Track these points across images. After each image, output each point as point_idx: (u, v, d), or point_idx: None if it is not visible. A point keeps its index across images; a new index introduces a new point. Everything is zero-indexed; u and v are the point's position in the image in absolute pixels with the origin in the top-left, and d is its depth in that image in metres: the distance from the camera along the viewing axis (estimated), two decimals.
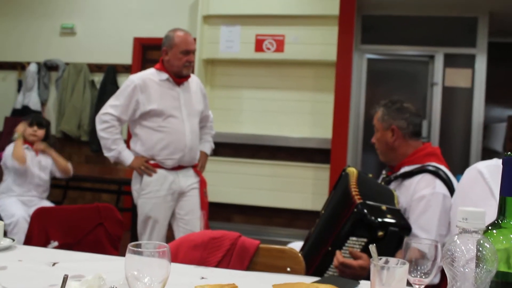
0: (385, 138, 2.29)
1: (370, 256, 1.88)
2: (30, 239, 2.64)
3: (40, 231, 2.66)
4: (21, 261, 1.47)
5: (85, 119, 6.03)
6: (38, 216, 2.68)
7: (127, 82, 3.11)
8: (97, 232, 2.75)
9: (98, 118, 3.12)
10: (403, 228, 1.98)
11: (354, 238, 2.00)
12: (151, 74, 3.14)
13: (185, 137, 3.10)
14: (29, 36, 6.27)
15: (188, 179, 3.17)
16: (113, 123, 3.09)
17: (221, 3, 5.28)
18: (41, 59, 6.17)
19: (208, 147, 3.44)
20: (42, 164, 3.99)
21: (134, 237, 4.18)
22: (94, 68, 6.10)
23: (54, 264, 1.45)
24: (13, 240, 1.61)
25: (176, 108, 3.10)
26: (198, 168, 3.27)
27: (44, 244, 2.65)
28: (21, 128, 3.94)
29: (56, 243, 2.70)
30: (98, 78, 6.10)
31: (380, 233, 1.93)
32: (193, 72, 3.27)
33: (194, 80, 3.27)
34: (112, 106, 3.11)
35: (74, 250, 1.74)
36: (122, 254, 1.32)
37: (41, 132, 4.00)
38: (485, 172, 1.60)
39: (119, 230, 2.85)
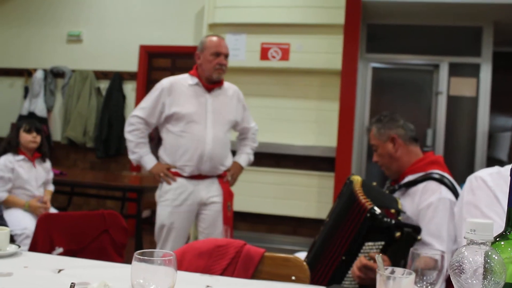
0: (387, 150, 2.30)
1: (389, 258, 1.91)
2: (35, 245, 2.64)
3: (45, 238, 2.66)
4: (26, 267, 1.47)
5: (91, 126, 6.06)
6: (43, 222, 2.68)
7: (157, 85, 3.10)
8: (102, 239, 2.75)
9: (127, 120, 3.13)
10: (415, 229, 2.01)
11: (370, 243, 2.00)
12: (182, 78, 3.12)
13: (205, 145, 3.00)
14: (36, 43, 6.31)
15: (209, 190, 3.07)
16: (139, 126, 3.07)
17: (227, 12, 5.30)
18: (48, 66, 6.21)
19: (244, 159, 3.30)
20: (39, 176, 3.82)
21: (139, 244, 4.18)
22: (100, 75, 6.14)
23: (59, 271, 1.45)
24: (19, 246, 1.62)
25: (200, 114, 3.03)
26: (225, 179, 3.15)
27: (49, 250, 2.65)
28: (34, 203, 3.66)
29: (60, 250, 2.70)
30: (104, 85, 6.13)
31: (398, 234, 1.94)
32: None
33: (232, 90, 3.21)
34: (140, 109, 3.10)
35: (78, 257, 1.74)
36: (127, 261, 1.32)
37: (39, 138, 3.80)
38: (489, 180, 1.60)
39: (124, 237, 2.85)
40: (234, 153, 3.33)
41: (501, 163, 1.77)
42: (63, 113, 6.17)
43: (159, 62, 7.18)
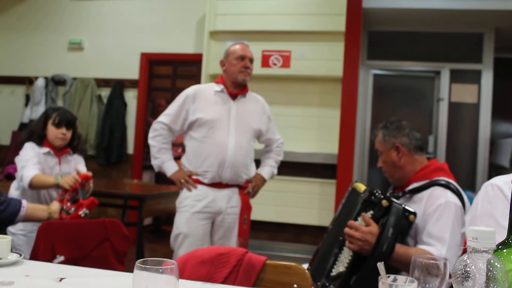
0: (391, 158, 2.29)
1: (378, 227, 2.02)
2: (37, 253, 2.63)
3: (46, 246, 2.65)
4: (28, 276, 1.47)
5: (92, 134, 6.06)
6: (45, 230, 2.68)
7: (182, 92, 3.11)
8: (103, 247, 2.74)
9: (151, 127, 3.13)
10: (407, 209, 2.07)
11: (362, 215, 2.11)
12: (208, 85, 3.15)
13: (227, 151, 2.97)
14: (37, 51, 6.33)
15: (229, 200, 3.04)
16: (162, 132, 3.07)
17: (227, 19, 5.31)
18: (49, 74, 6.23)
19: (267, 171, 3.25)
20: (63, 176, 3.17)
21: (140, 252, 4.17)
22: (101, 83, 6.15)
23: (61, 279, 1.45)
24: (20, 255, 1.61)
25: (223, 120, 3.01)
26: (246, 191, 3.11)
27: (50, 258, 2.65)
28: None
29: (62, 258, 2.69)
30: (105, 93, 6.14)
31: (384, 201, 2.06)
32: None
33: (258, 99, 3.22)
34: (164, 115, 3.10)
35: (80, 265, 1.74)
36: (129, 269, 1.32)
37: (69, 134, 3.20)
38: (506, 189, 1.58)
39: (125, 245, 2.85)
40: (258, 164, 3.28)
41: (503, 170, 1.76)
42: None
43: (160, 69, 7.20)
